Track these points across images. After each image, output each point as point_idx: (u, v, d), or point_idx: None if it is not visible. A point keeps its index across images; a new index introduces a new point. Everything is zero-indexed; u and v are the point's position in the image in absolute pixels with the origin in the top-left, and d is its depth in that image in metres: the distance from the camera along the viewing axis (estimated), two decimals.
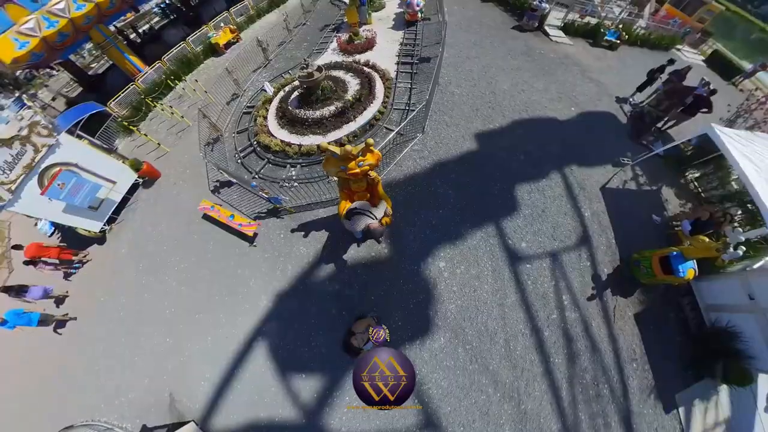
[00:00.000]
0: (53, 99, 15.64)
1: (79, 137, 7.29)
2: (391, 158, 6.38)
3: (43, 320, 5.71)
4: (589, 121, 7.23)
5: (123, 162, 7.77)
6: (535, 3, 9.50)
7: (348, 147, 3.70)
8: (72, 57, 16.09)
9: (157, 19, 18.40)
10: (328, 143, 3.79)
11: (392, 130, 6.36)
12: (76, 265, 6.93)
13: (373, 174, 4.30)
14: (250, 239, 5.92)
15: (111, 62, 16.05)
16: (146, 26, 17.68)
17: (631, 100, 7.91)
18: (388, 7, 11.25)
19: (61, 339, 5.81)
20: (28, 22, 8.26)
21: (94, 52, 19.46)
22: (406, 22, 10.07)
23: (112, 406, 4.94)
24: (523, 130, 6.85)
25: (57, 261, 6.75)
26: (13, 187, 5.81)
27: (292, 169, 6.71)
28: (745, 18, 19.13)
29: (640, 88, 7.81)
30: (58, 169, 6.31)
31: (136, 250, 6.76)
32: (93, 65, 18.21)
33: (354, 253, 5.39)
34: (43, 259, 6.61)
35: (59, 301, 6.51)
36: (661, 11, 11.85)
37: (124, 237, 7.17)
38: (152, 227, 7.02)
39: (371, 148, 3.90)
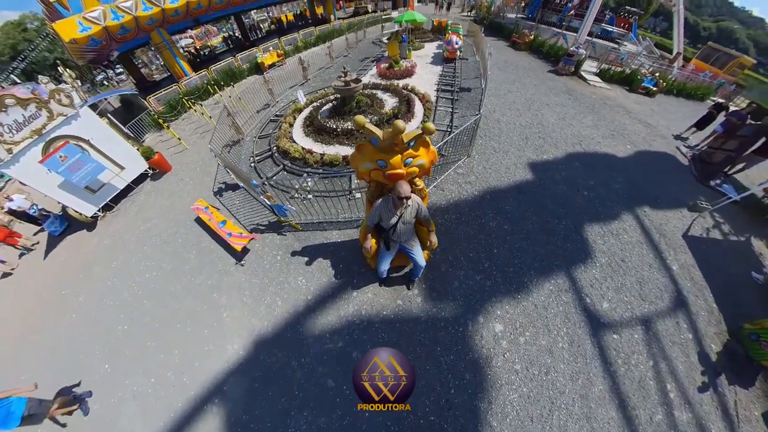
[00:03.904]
0: None
1: (101, 115, 6.43)
2: (431, 179, 4.93)
3: (32, 414, 2.99)
4: (649, 160, 5.85)
5: (137, 149, 6.74)
6: (572, 48, 8.84)
7: (399, 123, 2.03)
8: (142, 71, 16.91)
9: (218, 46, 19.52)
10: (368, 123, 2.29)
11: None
12: (23, 251, 6.23)
13: (420, 184, 2.61)
14: (238, 255, 4.31)
15: (168, 74, 16.64)
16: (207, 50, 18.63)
17: (687, 142, 6.62)
18: (427, 49, 11.08)
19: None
20: (95, 11, 8.47)
21: (161, 66, 20.56)
22: (444, 59, 9.57)
23: None
24: (581, 163, 5.46)
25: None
26: (14, 149, 4.91)
27: (309, 179, 5.36)
28: None
29: (699, 126, 6.58)
30: (64, 141, 5.38)
31: (118, 245, 5.33)
32: (155, 76, 19.17)
33: (372, 297, 3.53)
34: None
35: (6, 275, 5.60)
36: (689, 66, 11.06)
37: (113, 228, 5.82)
38: (143, 222, 5.66)
39: (428, 138, 2.23)
